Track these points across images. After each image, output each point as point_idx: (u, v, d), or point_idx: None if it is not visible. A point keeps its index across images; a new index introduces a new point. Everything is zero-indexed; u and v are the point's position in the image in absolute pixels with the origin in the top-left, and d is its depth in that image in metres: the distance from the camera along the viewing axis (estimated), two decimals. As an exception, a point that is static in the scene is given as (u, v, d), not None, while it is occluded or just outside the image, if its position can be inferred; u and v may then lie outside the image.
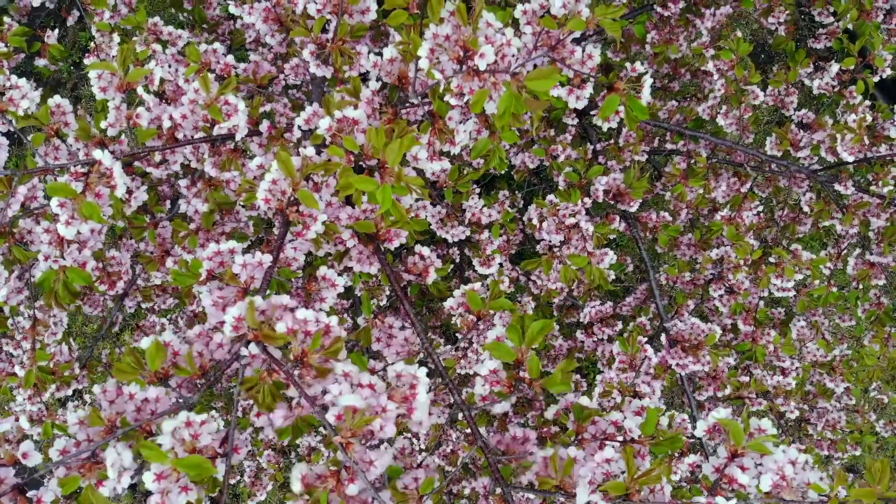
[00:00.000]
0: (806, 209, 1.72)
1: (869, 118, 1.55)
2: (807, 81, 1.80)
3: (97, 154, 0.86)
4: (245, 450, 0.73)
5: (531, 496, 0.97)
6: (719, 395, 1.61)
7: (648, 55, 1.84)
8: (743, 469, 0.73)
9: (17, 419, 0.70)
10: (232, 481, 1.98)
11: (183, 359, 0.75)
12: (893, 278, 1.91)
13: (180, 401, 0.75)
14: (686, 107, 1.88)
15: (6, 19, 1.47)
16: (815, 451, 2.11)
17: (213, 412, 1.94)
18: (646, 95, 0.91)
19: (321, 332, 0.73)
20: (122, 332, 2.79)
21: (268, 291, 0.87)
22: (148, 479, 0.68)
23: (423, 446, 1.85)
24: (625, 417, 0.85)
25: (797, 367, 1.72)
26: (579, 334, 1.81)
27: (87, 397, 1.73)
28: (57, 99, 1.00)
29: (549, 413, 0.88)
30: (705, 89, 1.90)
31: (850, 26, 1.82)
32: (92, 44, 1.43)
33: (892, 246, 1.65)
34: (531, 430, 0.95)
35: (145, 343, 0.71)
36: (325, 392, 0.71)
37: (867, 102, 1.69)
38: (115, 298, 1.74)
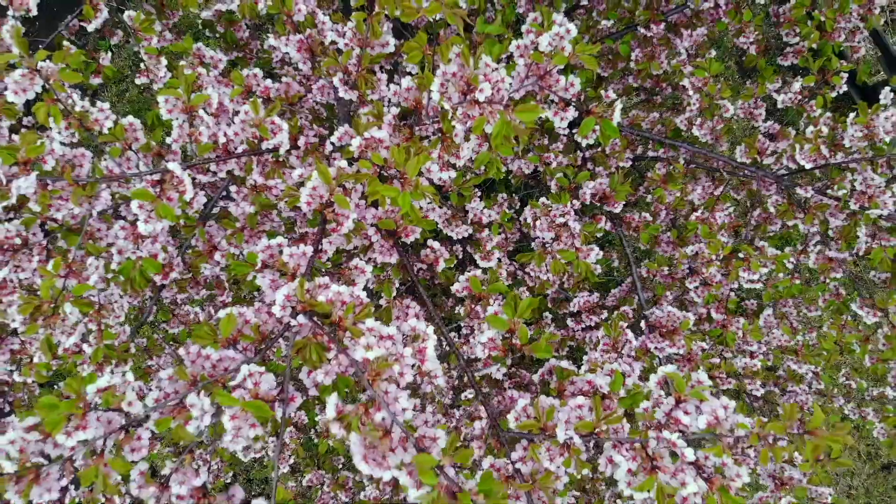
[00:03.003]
0: (772, 210, 1.92)
1: (826, 130, 1.75)
2: (774, 95, 2.00)
3: (171, 166, 1.06)
4: (299, 399, 0.93)
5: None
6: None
7: (633, 71, 2.04)
8: (686, 413, 0.93)
9: (124, 373, 0.90)
10: (257, 455, 2.18)
11: (248, 328, 0.95)
12: (851, 272, 2.11)
13: (245, 360, 0.95)
14: (666, 118, 2.08)
15: (64, 43, 1.67)
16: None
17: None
18: (616, 118, 1.12)
19: (354, 304, 0.93)
20: (152, 322, 2.99)
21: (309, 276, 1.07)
22: (225, 420, 0.89)
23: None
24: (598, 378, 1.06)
25: (764, 351, 1.92)
26: (569, 321, 2.01)
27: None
28: (130, 118, 1.20)
29: (535, 376, 1.09)
30: (684, 102, 2.10)
31: (814, 45, 2.01)
32: (142, 65, 1.63)
33: (848, 243, 1.85)
34: (524, 392, 1.15)
35: (221, 314, 0.92)
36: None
37: (828, 114, 1.89)
38: (154, 289, 1.94)
